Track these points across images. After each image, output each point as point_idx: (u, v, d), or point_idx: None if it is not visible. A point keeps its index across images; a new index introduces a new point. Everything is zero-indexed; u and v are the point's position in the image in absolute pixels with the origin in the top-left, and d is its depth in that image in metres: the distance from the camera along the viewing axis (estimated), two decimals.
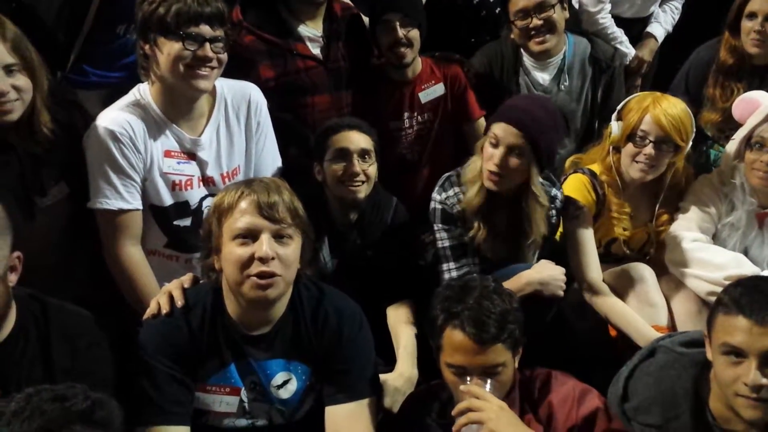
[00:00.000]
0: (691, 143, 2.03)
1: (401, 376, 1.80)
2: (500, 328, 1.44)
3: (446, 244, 1.98)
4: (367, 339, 1.58)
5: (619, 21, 2.70)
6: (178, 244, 1.92)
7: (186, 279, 1.59)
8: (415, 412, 1.61)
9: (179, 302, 1.50)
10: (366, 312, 1.65)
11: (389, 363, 1.86)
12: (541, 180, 1.91)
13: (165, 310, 1.49)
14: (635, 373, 1.47)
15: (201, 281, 1.60)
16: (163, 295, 1.53)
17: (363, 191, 1.98)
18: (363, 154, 1.97)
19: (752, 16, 2.32)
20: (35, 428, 1.05)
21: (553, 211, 2.01)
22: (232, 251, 1.42)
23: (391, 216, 2.09)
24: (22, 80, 1.69)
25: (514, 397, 1.52)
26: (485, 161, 1.89)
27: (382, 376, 1.74)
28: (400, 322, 1.96)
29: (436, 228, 2.00)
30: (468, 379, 1.45)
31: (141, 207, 1.83)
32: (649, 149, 1.97)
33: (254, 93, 1.94)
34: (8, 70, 1.66)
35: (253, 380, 1.51)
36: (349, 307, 1.57)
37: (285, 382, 1.53)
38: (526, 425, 1.43)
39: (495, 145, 1.87)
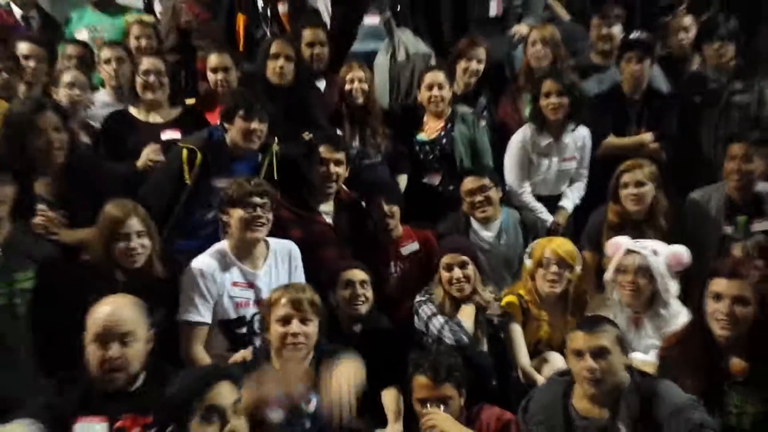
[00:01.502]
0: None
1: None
2: (448, 374, 2.35)
3: (428, 311, 2.96)
4: None
5: (539, 198, 3.75)
6: (237, 348, 2.80)
7: (248, 351, 2.52)
8: None
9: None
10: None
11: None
12: None
13: None
14: (533, 395, 2.36)
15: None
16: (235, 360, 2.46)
17: (364, 309, 2.94)
18: (363, 283, 2.95)
19: (626, 185, 3.25)
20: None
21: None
22: (276, 330, 2.38)
23: (384, 328, 3.04)
24: (146, 241, 2.68)
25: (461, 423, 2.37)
26: (446, 284, 2.94)
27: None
28: (390, 402, 2.77)
29: (421, 308, 2.99)
30: (428, 405, 2.33)
31: (210, 322, 2.75)
32: (552, 269, 2.94)
33: (293, 247, 2.95)
34: (138, 233, 2.67)
35: None
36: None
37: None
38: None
39: (450, 269, 2.91)
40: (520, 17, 4.32)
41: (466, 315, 2.94)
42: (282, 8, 4.13)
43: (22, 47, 3.71)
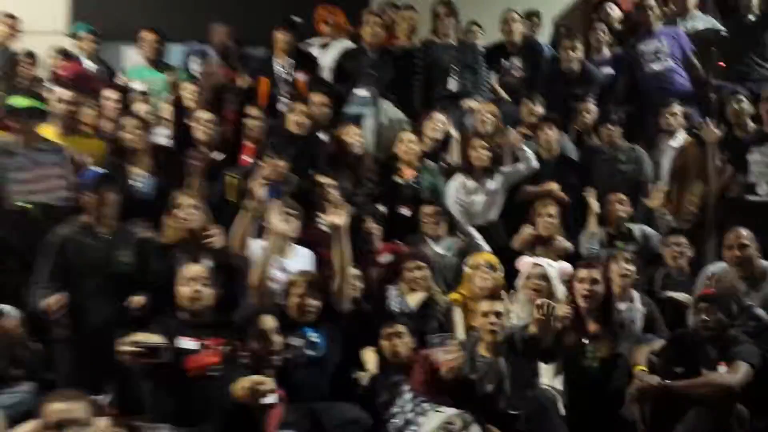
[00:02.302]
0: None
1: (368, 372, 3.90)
2: (401, 321, 3.66)
3: (393, 293, 4.27)
4: None
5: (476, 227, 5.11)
6: None
7: None
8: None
9: None
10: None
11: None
12: None
13: None
14: None
15: None
16: None
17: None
18: (353, 277, 4.25)
19: (540, 214, 4.73)
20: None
21: None
22: (294, 301, 3.66)
23: (366, 310, 4.31)
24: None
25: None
26: (410, 282, 4.27)
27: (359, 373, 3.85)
28: (367, 356, 3.96)
29: (390, 292, 4.30)
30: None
31: None
32: (485, 269, 4.25)
33: (309, 252, 4.22)
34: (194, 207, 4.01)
35: None
36: None
37: None
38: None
39: (412, 271, 4.25)
40: (470, 94, 5.77)
41: (413, 297, 4.26)
42: (300, 77, 5.51)
43: (105, 92, 4.98)
